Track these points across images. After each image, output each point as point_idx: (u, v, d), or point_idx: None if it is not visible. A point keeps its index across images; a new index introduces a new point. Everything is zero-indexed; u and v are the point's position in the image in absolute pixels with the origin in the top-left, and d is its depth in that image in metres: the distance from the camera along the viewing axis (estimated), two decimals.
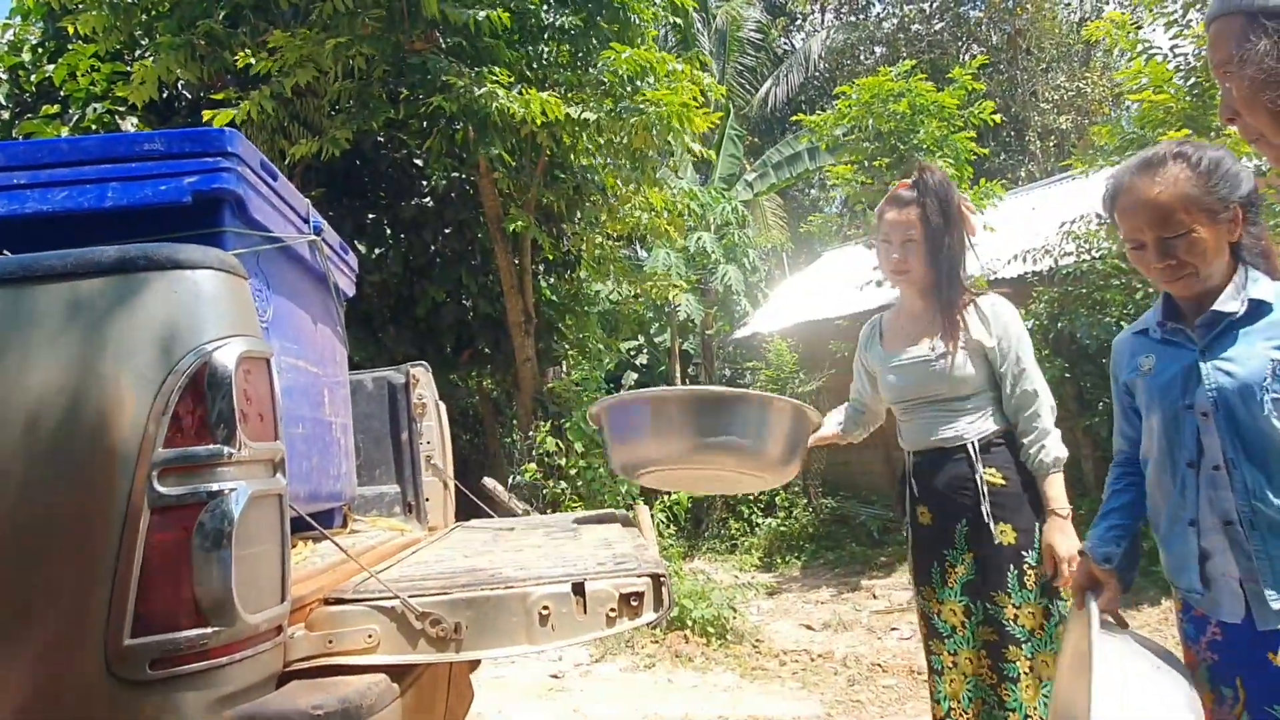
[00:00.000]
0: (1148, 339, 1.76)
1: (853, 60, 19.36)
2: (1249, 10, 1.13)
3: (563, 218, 8.80)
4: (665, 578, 1.50)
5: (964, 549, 2.29)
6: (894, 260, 2.37)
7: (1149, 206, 1.60)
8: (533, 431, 7.36)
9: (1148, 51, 6.40)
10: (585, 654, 5.39)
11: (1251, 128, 1.19)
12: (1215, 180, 1.58)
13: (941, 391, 2.34)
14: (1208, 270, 1.61)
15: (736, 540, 9.36)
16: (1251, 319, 1.59)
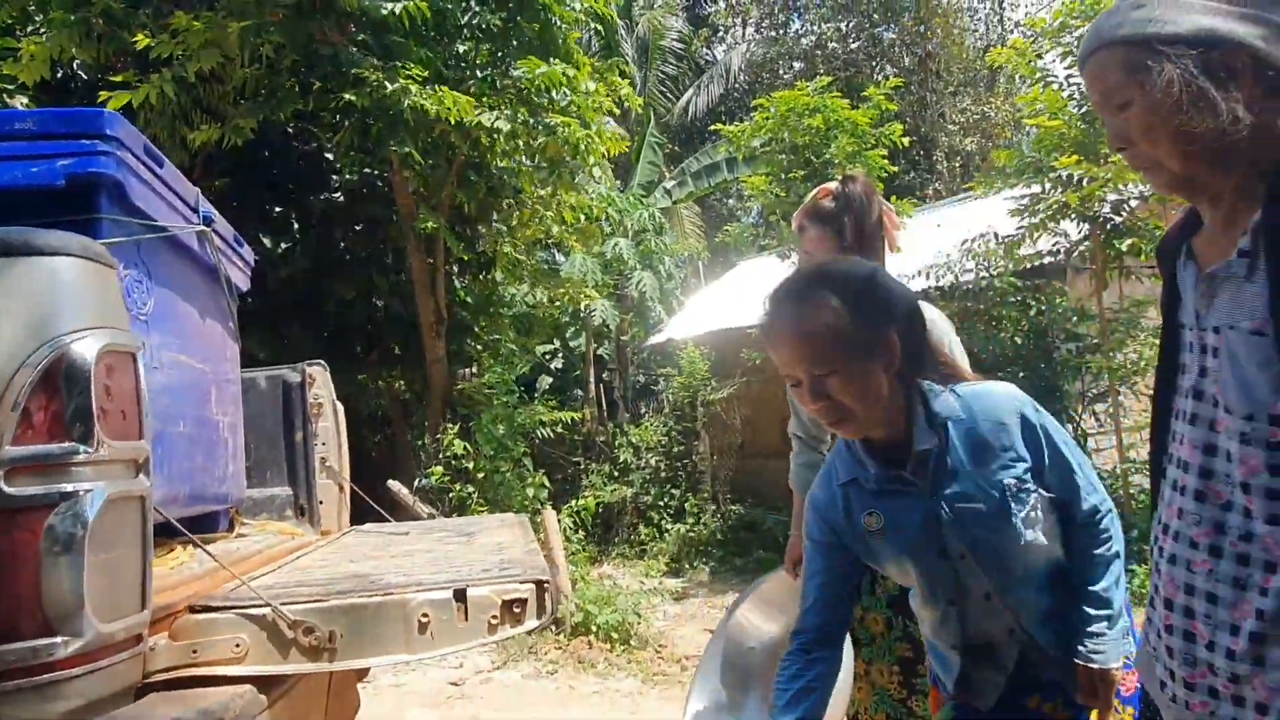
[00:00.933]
0: (862, 490, 1.57)
1: (771, 74, 19.74)
2: (1137, 40, 1.15)
3: (477, 219, 8.70)
4: (549, 584, 1.49)
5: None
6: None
7: (792, 342, 1.45)
8: (441, 433, 7.24)
9: (1045, 79, 6.70)
10: (487, 661, 5.31)
11: (1146, 156, 1.21)
12: (866, 308, 1.45)
13: None
14: (870, 410, 1.47)
15: (646, 545, 9.38)
16: (958, 446, 1.49)
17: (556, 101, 7.01)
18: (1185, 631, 1.21)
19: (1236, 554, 1.16)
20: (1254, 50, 1.09)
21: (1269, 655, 1.11)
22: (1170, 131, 1.14)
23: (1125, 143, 1.22)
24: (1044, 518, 1.50)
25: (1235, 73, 1.10)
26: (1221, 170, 1.16)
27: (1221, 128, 1.10)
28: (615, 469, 10.59)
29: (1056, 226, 6.74)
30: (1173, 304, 1.36)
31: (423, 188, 7.79)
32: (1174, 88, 1.11)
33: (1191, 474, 1.23)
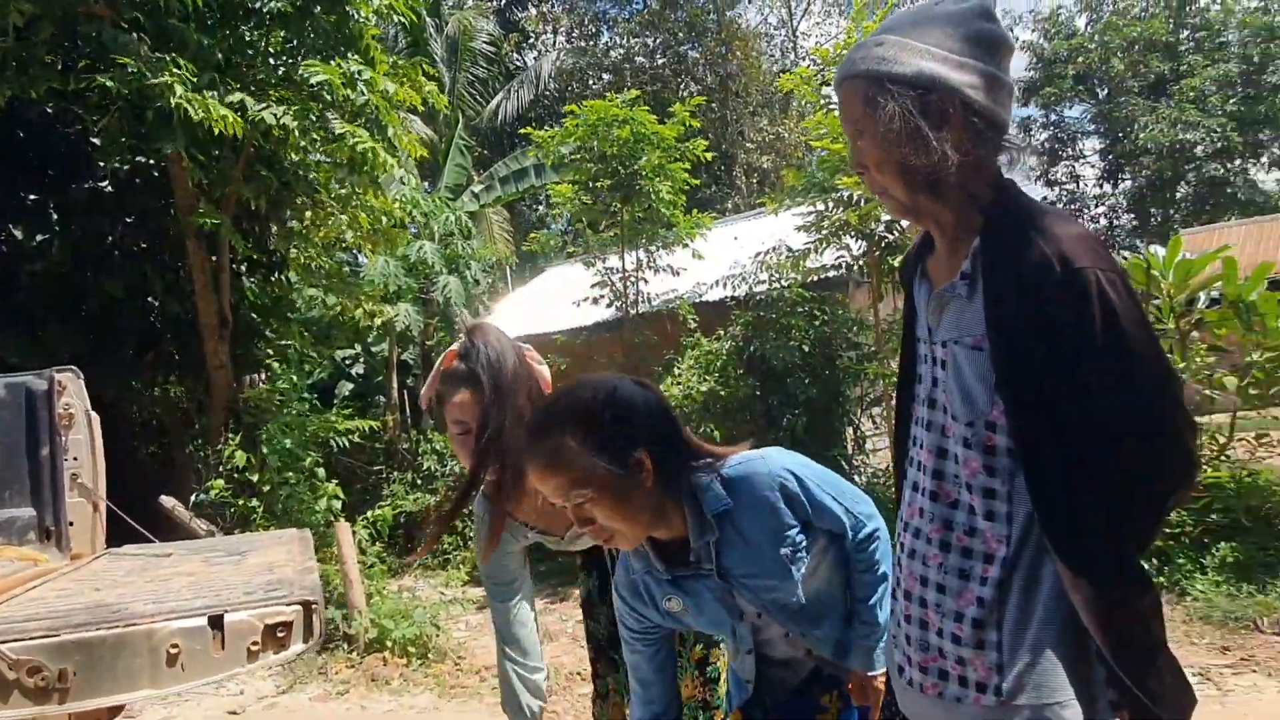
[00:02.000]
0: (655, 582, 1.67)
1: (581, 84, 19.97)
2: (872, 76, 1.26)
3: (267, 217, 8.17)
4: (317, 604, 1.42)
5: None
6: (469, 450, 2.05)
7: (544, 477, 1.47)
8: (223, 444, 6.74)
9: (829, 106, 7.19)
10: (271, 685, 5.00)
11: (876, 182, 1.33)
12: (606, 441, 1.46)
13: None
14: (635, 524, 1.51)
15: (449, 555, 9.17)
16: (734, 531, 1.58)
17: (353, 100, 6.70)
18: (921, 620, 1.34)
19: (962, 548, 1.29)
20: (964, 97, 1.23)
21: (987, 638, 1.25)
22: (894, 162, 1.26)
23: (861, 168, 1.34)
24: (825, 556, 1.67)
25: (947, 116, 1.23)
26: (941, 200, 1.30)
27: (934, 163, 1.23)
28: (418, 477, 10.29)
29: (839, 242, 7.25)
30: (910, 319, 1.50)
31: (204, 181, 7.23)
32: (895, 123, 1.23)
33: (927, 475, 1.36)
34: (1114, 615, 1.17)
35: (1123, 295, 1.16)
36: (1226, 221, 21.89)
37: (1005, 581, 1.24)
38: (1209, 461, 5.41)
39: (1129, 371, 1.16)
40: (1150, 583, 1.23)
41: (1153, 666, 1.20)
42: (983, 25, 1.25)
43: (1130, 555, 1.22)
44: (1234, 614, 4.48)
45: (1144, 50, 26.61)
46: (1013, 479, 1.24)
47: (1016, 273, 1.20)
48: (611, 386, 1.52)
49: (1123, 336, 1.15)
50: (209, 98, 5.93)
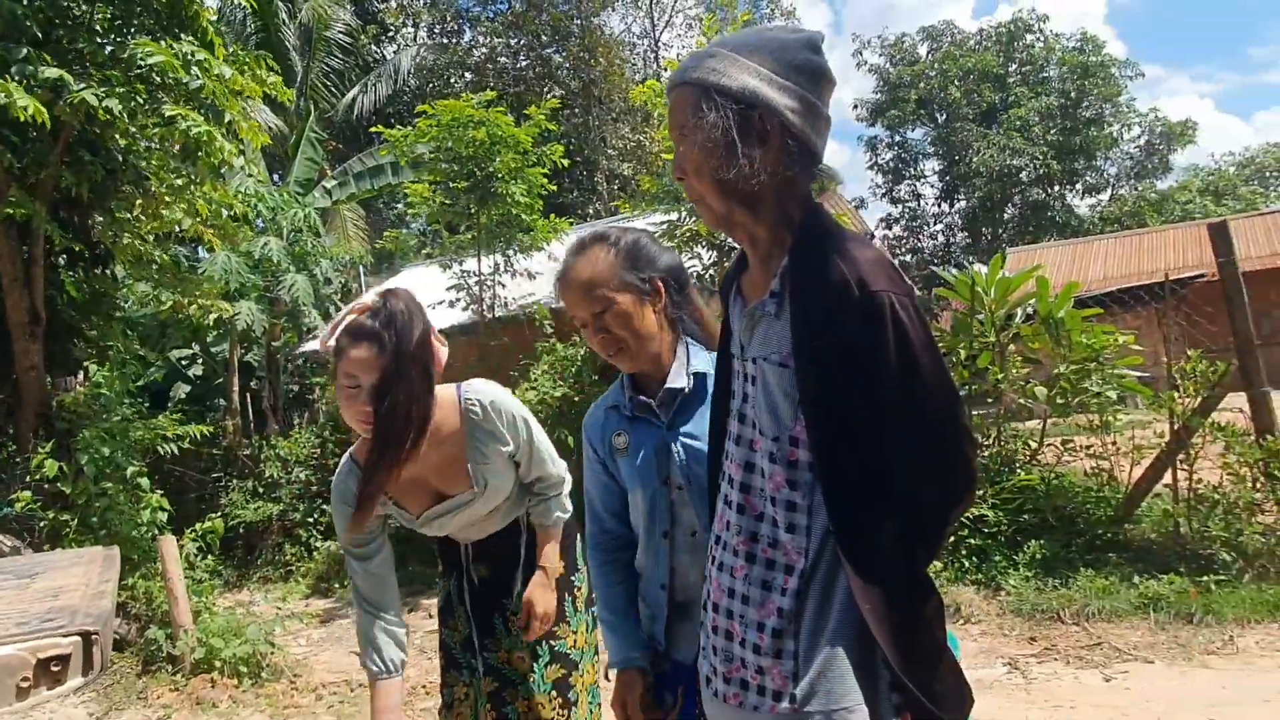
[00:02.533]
0: (619, 415, 1.83)
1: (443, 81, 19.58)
2: (703, 85, 1.29)
3: (90, 205, 7.56)
4: (98, 635, 1.33)
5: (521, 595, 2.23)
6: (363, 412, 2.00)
7: (577, 285, 1.75)
8: (31, 452, 6.17)
9: None
10: (84, 712, 4.61)
11: (694, 189, 1.36)
12: (633, 257, 1.76)
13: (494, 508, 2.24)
14: (639, 345, 1.75)
15: (292, 566, 8.77)
16: (700, 392, 1.74)
17: (185, 84, 6.30)
18: (726, 631, 1.38)
19: (766, 560, 1.34)
20: (784, 119, 1.28)
21: (785, 648, 1.30)
22: (710, 170, 1.31)
23: (682, 174, 1.37)
24: None
25: (765, 134, 1.28)
26: (753, 215, 1.34)
27: (745, 177, 1.28)
28: (260, 485, 9.78)
29: (690, 251, 7.40)
30: (726, 335, 1.54)
31: (15, 165, 6.62)
32: (716, 132, 1.27)
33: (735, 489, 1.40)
34: (900, 623, 1.23)
35: (914, 319, 1.24)
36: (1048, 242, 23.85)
37: (803, 592, 1.29)
38: (1022, 465, 5.85)
39: (918, 391, 1.23)
40: (934, 590, 1.31)
41: (935, 669, 1.27)
42: (809, 56, 1.31)
43: (917, 565, 1.29)
44: (1041, 606, 4.86)
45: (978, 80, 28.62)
46: (813, 493, 1.29)
47: (820, 294, 1.26)
48: (641, 230, 1.87)
49: (913, 358, 1.22)
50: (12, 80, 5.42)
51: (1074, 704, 3.79)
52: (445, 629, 2.37)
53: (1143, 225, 25.18)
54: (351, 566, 2.17)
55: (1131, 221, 26.54)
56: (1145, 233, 21.41)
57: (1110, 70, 28.20)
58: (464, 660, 2.29)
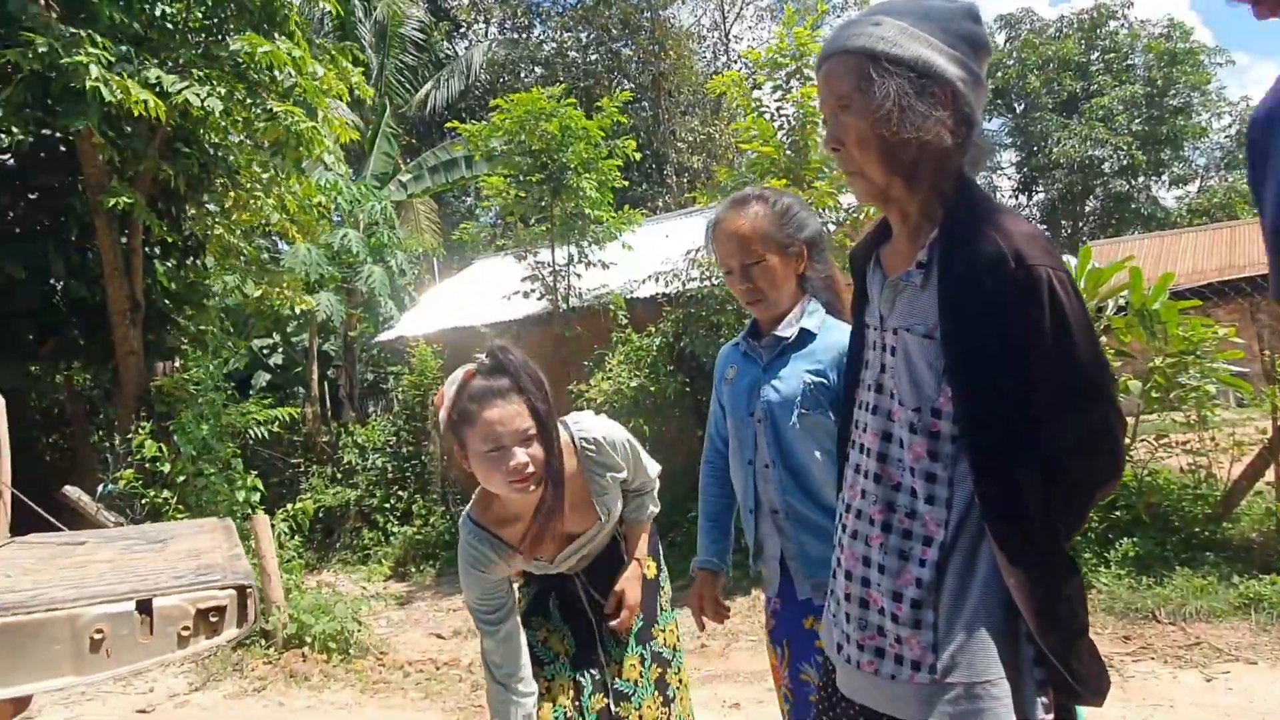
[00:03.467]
0: (736, 351, 2.09)
1: (513, 76, 19.78)
2: (867, 53, 1.28)
3: (185, 197, 7.86)
4: (251, 589, 1.38)
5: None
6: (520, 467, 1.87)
7: (735, 236, 1.93)
8: (133, 433, 6.45)
9: (759, 109, 7.29)
10: (183, 682, 4.83)
11: (853, 160, 1.34)
12: (786, 220, 1.95)
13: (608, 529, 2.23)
14: (777, 296, 1.95)
15: (370, 550, 9.00)
16: (800, 345, 1.95)
17: (280, 82, 6.50)
18: (861, 599, 1.38)
19: (903, 529, 1.34)
20: (955, 89, 1.27)
21: (924, 618, 1.29)
22: (878, 140, 1.29)
23: (839, 144, 1.35)
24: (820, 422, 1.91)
25: (940, 102, 1.27)
26: (909, 187, 1.33)
27: (920, 144, 1.27)
28: (338, 471, 10.05)
29: None
30: (861, 305, 1.53)
31: (117, 158, 6.91)
32: (889, 101, 1.26)
33: (870, 458, 1.40)
34: (1045, 598, 1.22)
35: (1070, 295, 1.22)
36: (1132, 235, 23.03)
37: (942, 564, 1.28)
38: None
39: (1071, 368, 1.22)
40: (1078, 569, 1.30)
41: (1077, 647, 1.25)
42: (971, 26, 1.31)
43: (1062, 542, 1.28)
44: (1134, 605, 4.71)
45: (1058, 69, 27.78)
46: (955, 465, 1.28)
47: (972, 266, 1.24)
48: (795, 198, 2.03)
49: (1069, 334, 1.21)
50: (126, 76, 5.66)
51: (1173, 703, 3.67)
52: (530, 629, 2.25)
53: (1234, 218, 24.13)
54: (484, 631, 2.08)
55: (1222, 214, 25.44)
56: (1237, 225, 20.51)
57: (1199, 57, 27.09)
58: (547, 658, 2.23)
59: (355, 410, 13.16)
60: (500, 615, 2.06)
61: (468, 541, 2.08)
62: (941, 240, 1.30)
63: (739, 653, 5.01)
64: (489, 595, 2.06)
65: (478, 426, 1.86)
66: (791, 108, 6.92)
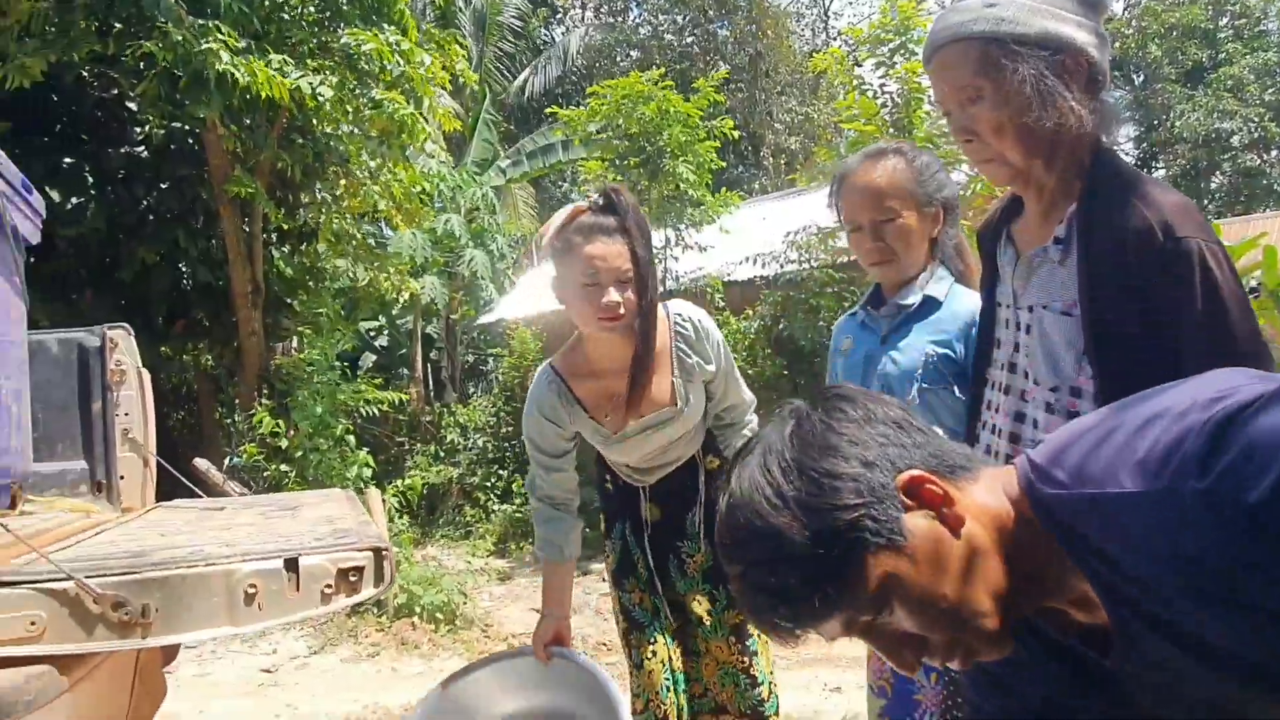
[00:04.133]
0: (853, 322, 1.97)
1: (609, 60, 19.86)
2: (991, 37, 1.22)
3: (300, 185, 8.22)
4: (387, 551, 1.45)
5: (699, 536, 2.18)
6: (611, 304, 1.88)
7: (868, 190, 1.78)
8: (255, 410, 6.82)
9: (861, 87, 7.13)
10: (303, 646, 5.09)
11: (988, 149, 1.29)
12: (925, 177, 1.79)
13: (688, 433, 2.15)
14: (908, 259, 1.80)
15: (471, 526, 9.27)
16: (923, 313, 1.81)
17: (388, 71, 6.72)
18: None
19: None
20: (1089, 57, 1.22)
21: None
22: (1016, 126, 1.24)
23: (970, 135, 1.29)
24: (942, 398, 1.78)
25: (1074, 75, 1.22)
26: (1048, 165, 1.29)
27: (1061, 124, 1.22)
28: (441, 449, 10.38)
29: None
30: (992, 284, 1.50)
31: (239, 148, 7.27)
32: (1026, 86, 1.21)
33: (1002, 438, 1.37)
34: None
35: (1224, 267, 1.16)
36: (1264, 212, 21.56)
37: None
38: None
39: (1224, 344, 1.15)
40: None
41: None
42: None
43: None
44: None
45: (1182, 37, 26.13)
46: None
47: (1116, 239, 1.19)
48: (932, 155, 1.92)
49: (1223, 309, 1.15)
50: (253, 61, 5.96)
51: None
52: (623, 592, 2.25)
53: None
54: (538, 475, 2.13)
55: None
56: None
57: None
58: (646, 619, 2.20)
59: (457, 391, 13.54)
60: (560, 464, 2.12)
61: (541, 385, 2.10)
62: (1080, 213, 1.25)
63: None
64: (548, 443, 2.09)
65: (578, 258, 1.88)
66: (895, 84, 6.75)
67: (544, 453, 2.10)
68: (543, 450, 2.10)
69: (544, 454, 2.10)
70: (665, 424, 2.09)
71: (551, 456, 2.10)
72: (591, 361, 2.07)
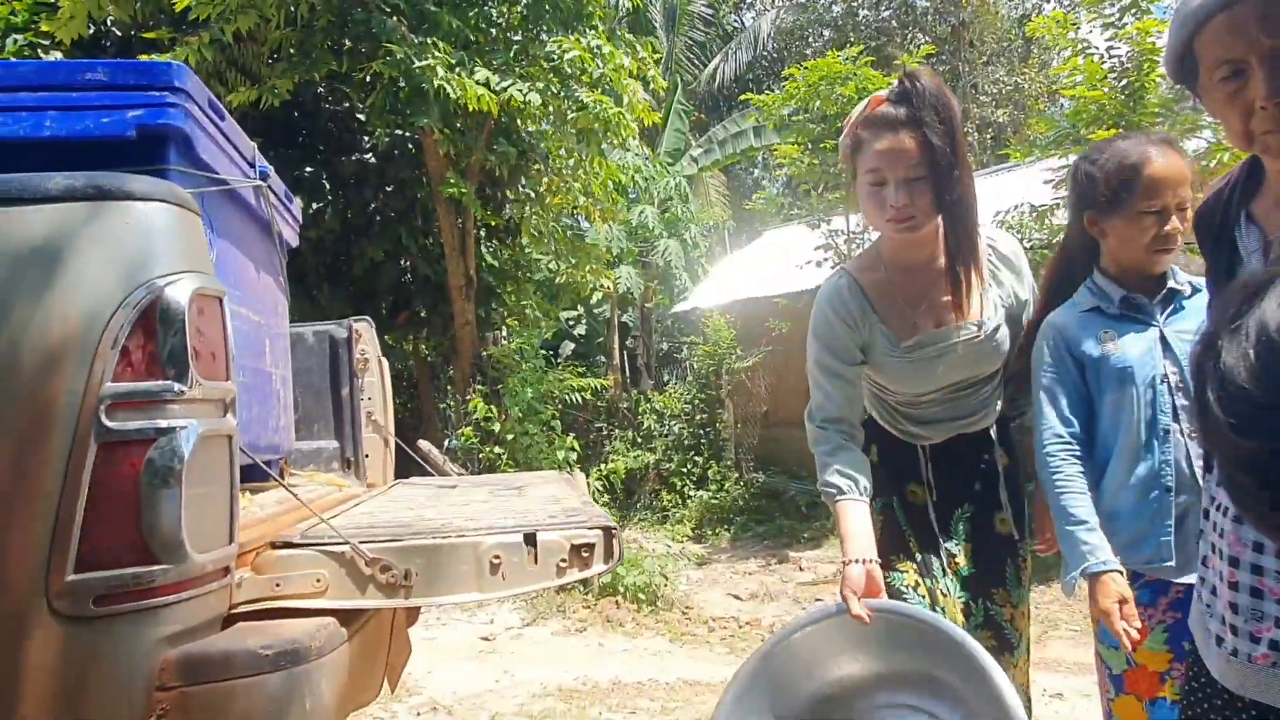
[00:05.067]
0: (1102, 316, 1.81)
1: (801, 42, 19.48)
2: None
3: (505, 184, 8.71)
4: (616, 531, 1.53)
5: (963, 538, 1.97)
6: (896, 205, 1.76)
7: (1178, 174, 1.74)
8: (469, 396, 7.31)
9: (1084, 50, 6.59)
10: (517, 618, 5.41)
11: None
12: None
13: (985, 372, 1.95)
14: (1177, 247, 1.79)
15: (668, 511, 9.47)
16: (1189, 297, 1.80)
17: (590, 73, 6.99)
18: (1251, 587, 1.24)
19: None
20: None
21: None
22: None
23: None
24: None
25: None
26: None
27: None
28: (638, 435, 10.66)
29: None
30: (1230, 266, 1.36)
31: (452, 151, 7.80)
32: None
33: None
34: None
35: None
36: None
37: None
38: None
39: None
40: None
41: None
42: None
43: None
44: None
45: None
46: None
47: None
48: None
49: None
50: (464, 76, 6.37)
51: None
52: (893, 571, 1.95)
53: None
54: (825, 391, 1.92)
55: None
56: None
57: None
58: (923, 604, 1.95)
59: (652, 378, 13.85)
60: (848, 371, 1.91)
61: (831, 282, 1.97)
62: None
63: (1058, 642, 4.69)
64: (838, 346, 1.91)
65: (865, 156, 1.80)
66: (1124, 46, 6.19)
67: (835, 357, 1.90)
68: (834, 354, 1.90)
69: (835, 359, 1.90)
70: (958, 348, 1.88)
71: (843, 363, 1.90)
72: (887, 263, 1.92)
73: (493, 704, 3.97)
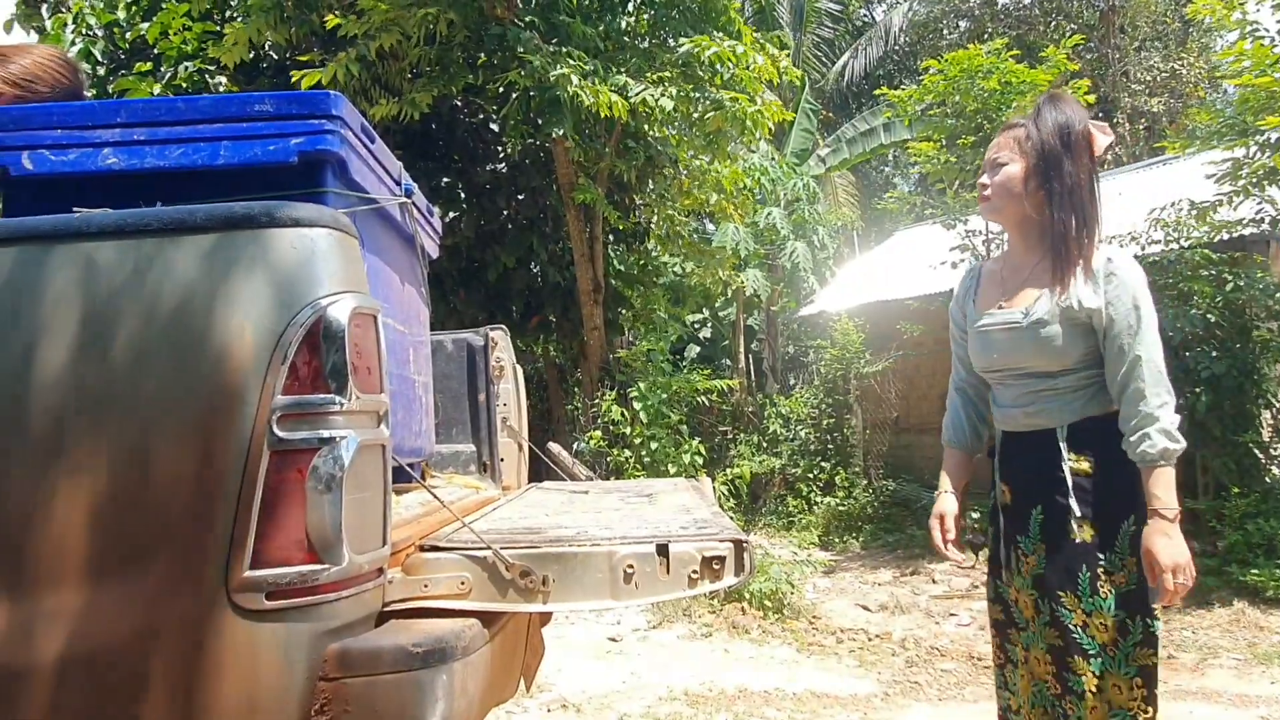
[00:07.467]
0: None
1: (935, 34, 18.83)
2: None
3: (634, 188, 8.83)
4: (748, 544, 1.54)
5: (1037, 538, 2.00)
6: (979, 183, 2.11)
7: None
8: (598, 399, 7.44)
9: (1252, 32, 6.10)
10: (643, 620, 5.48)
11: None
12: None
13: (1033, 365, 2.00)
14: None
15: (794, 517, 9.35)
16: None
17: (721, 74, 7.00)
18: None
19: None
20: None
21: None
22: None
23: None
24: None
25: None
26: None
27: None
28: (764, 440, 10.58)
29: (1260, 193, 6.16)
30: None
31: (582, 158, 7.97)
32: None
33: None
34: None
35: None
36: None
37: None
38: None
39: None
40: None
41: None
42: None
43: None
44: None
45: None
46: None
47: None
48: None
49: None
50: (597, 85, 6.51)
51: None
52: (996, 581, 2.13)
53: None
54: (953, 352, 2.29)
55: None
56: None
57: None
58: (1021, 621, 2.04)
59: (778, 382, 13.71)
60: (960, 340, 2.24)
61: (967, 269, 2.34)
62: None
63: (1218, 670, 4.36)
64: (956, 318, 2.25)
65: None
66: None
67: (956, 325, 2.26)
68: (955, 324, 2.26)
69: (956, 327, 2.26)
70: (999, 330, 2.07)
71: (960, 330, 2.23)
72: (1004, 253, 2.22)
73: (620, 704, 4.03)
